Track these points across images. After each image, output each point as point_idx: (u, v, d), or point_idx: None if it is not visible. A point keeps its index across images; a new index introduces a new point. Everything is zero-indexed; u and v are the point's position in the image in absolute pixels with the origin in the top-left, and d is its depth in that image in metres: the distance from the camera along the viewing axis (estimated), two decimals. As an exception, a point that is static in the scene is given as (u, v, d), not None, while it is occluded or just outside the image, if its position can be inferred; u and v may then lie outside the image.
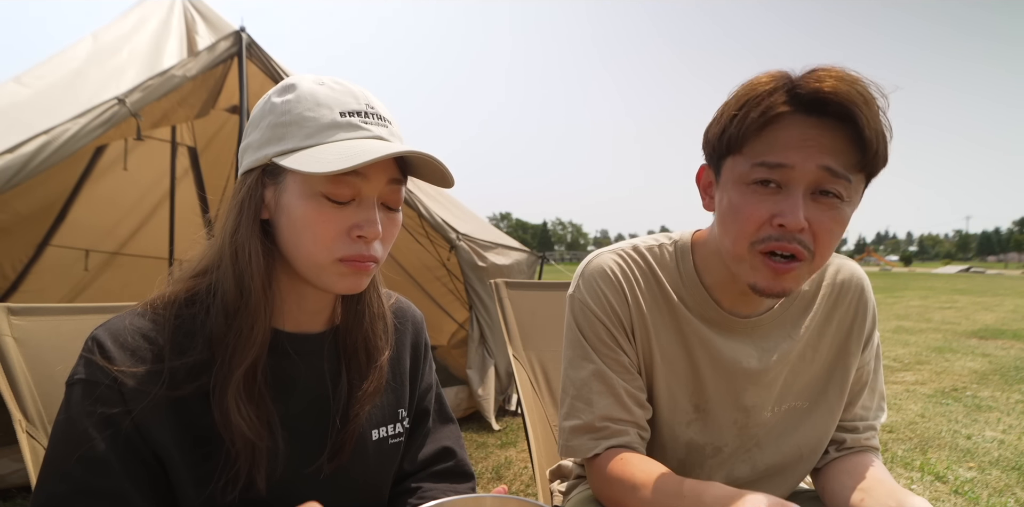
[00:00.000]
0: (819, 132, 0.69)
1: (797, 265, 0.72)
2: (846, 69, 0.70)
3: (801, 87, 0.69)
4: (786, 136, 0.70)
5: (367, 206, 0.66)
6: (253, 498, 0.67)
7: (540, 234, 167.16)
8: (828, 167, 0.69)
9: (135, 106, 2.21)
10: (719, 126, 0.76)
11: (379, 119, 0.68)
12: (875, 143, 0.68)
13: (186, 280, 0.70)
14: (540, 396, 1.43)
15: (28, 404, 0.94)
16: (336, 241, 0.65)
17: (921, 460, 2.95)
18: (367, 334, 0.78)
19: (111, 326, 0.66)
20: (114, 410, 0.62)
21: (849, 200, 0.72)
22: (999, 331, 7.88)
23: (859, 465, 0.86)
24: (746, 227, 0.73)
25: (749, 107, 0.71)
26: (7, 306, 0.99)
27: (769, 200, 0.72)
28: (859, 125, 0.67)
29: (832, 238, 0.72)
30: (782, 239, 0.71)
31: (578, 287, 0.91)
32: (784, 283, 0.74)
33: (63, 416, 0.63)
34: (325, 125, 0.64)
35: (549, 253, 4.11)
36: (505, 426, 3.41)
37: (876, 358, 0.94)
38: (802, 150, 0.69)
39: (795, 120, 0.70)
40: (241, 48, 2.56)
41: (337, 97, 0.66)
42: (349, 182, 0.64)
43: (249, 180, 0.68)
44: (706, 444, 0.90)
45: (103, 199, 3.69)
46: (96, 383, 0.62)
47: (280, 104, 0.66)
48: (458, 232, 3.24)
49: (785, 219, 0.69)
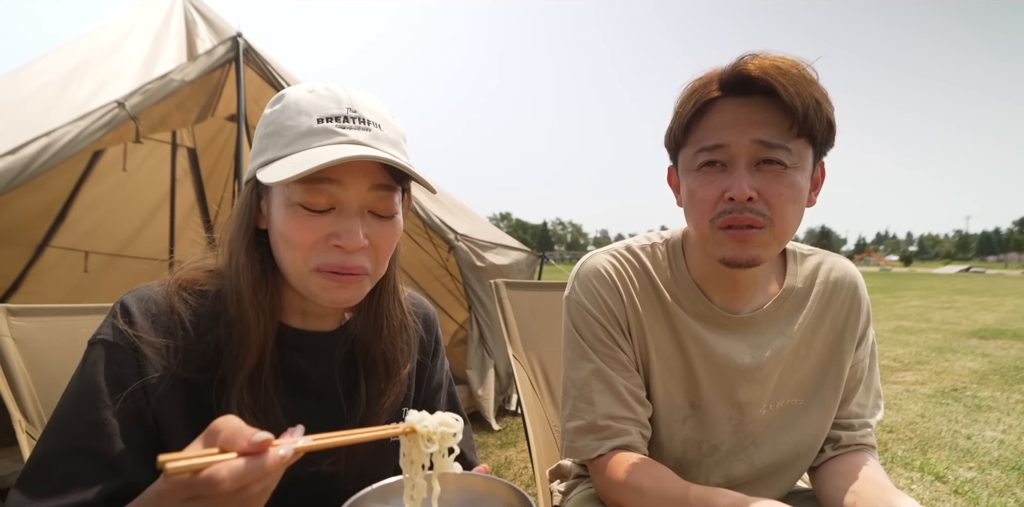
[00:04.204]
0: (748, 110, 0.75)
1: (756, 232, 0.76)
2: (768, 52, 0.76)
3: (725, 74, 0.76)
4: (719, 119, 0.77)
5: (347, 215, 0.65)
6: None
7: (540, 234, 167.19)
8: (760, 140, 0.74)
9: (135, 109, 2.21)
10: (669, 125, 0.83)
11: (361, 122, 0.66)
12: (802, 108, 0.72)
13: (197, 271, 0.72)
14: (540, 396, 1.43)
15: (28, 404, 0.95)
16: (313, 250, 0.65)
17: (921, 460, 2.95)
18: (386, 347, 0.77)
19: (139, 293, 0.68)
20: (128, 372, 0.63)
21: (796, 166, 0.76)
22: (999, 331, 7.88)
23: (852, 466, 0.86)
24: (703, 207, 0.79)
25: (686, 101, 0.78)
26: (7, 307, 1.00)
27: (717, 179, 0.77)
28: (779, 95, 0.72)
29: (785, 202, 0.76)
30: (734, 211, 0.76)
31: (574, 288, 0.92)
32: (750, 250, 0.77)
33: (78, 373, 0.64)
34: (302, 133, 0.64)
35: (549, 253, 4.10)
36: (505, 426, 3.41)
37: (871, 355, 0.95)
38: (734, 128, 0.75)
39: (726, 104, 0.77)
40: (238, 53, 2.56)
41: (319, 103, 0.66)
42: (323, 190, 0.63)
43: (246, 191, 0.69)
44: (702, 441, 0.90)
45: (103, 200, 3.69)
46: (115, 345, 0.64)
47: (268, 115, 0.68)
48: (457, 232, 3.24)
49: (732, 192, 0.75)
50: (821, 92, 0.75)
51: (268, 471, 0.44)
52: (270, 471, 0.44)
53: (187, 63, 2.44)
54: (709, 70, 0.80)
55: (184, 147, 3.94)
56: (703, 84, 0.78)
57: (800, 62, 0.75)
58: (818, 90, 0.74)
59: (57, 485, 0.59)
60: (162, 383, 0.64)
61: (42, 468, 0.60)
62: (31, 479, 0.60)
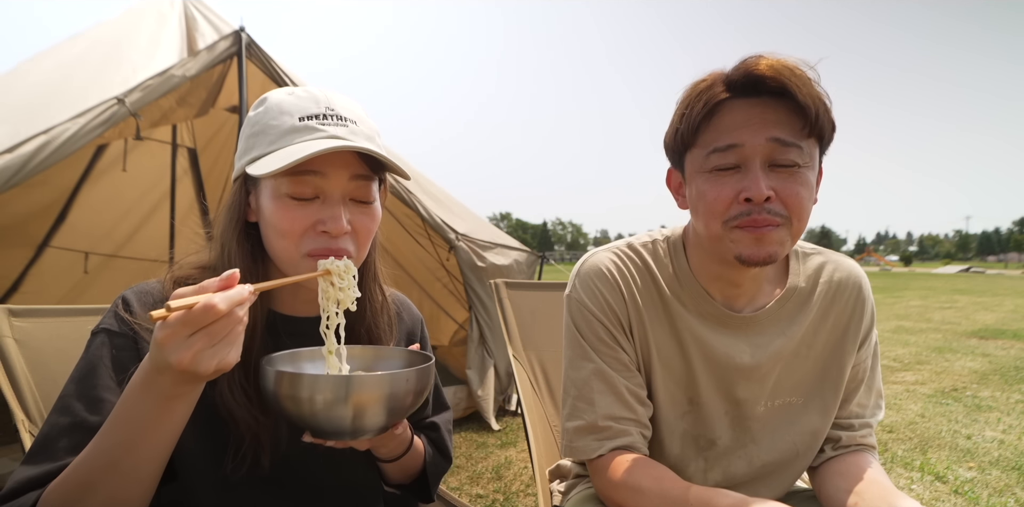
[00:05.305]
0: (760, 109, 0.75)
1: (774, 230, 0.76)
2: (773, 54, 0.76)
3: (734, 75, 0.75)
4: (730, 120, 0.76)
5: (331, 203, 0.71)
6: (259, 475, 0.73)
7: (540, 234, 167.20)
8: (776, 138, 0.74)
9: (135, 106, 2.21)
10: (672, 127, 0.82)
11: (339, 119, 0.73)
12: (814, 108, 0.73)
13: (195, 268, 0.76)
14: (540, 396, 1.43)
15: (29, 403, 0.95)
16: (304, 237, 0.71)
17: (921, 460, 2.96)
18: (370, 326, 0.83)
19: (138, 288, 0.74)
20: (129, 357, 0.68)
21: (807, 165, 0.76)
22: (999, 331, 7.88)
23: (853, 466, 0.86)
24: (715, 207, 0.78)
25: (693, 103, 0.78)
26: (8, 308, 1.00)
27: (731, 180, 0.77)
28: (793, 94, 0.72)
29: (801, 201, 0.76)
30: (752, 213, 0.75)
31: (575, 287, 0.92)
32: (767, 247, 0.77)
33: (81, 359, 0.68)
34: (285, 131, 0.70)
35: (549, 253, 4.10)
36: (505, 426, 3.41)
37: (874, 356, 0.95)
38: (748, 128, 0.75)
39: (736, 104, 0.76)
40: (241, 48, 2.56)
41: (299, 104, 0.72)
42: (308, 181, 0.70)
43: (235, 187, 0.75)
44: (699, 436, 0.90)
45: (102, 201, 3.69)
46: (117, 333, 0.69)
47: (253, 116, 0.74)
48: (457, 232, 3.23)
49: (750, 193, 0.74)
50: (824, 92, 0.75)
51: (245, 297, 0.53)
52: (247, 297, 0.54)
53: (188, 58, 2.43)
54: (707, 73, 0.80)
55: (184, 147, 3.94)
56: (708, 85, 0.77)
57: (802, 62, 0.75)
58: (822, 90, 0.75)
59: (56, 456, 0.62)
60: None
61: (44, 444, 0.63)
62: (33, 455, 0.63)
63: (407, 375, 0.64)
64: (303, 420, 0.62)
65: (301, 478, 0.79)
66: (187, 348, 0.51)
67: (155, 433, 0.57)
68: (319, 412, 0.60)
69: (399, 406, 0.65)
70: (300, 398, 0.60)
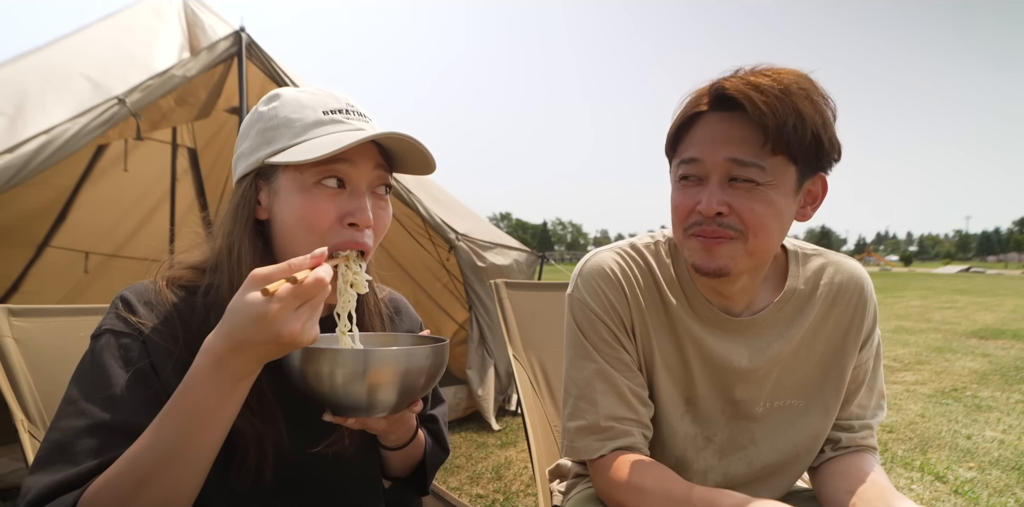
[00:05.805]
0: (728, 126, 0.76)
1: (725, 242, 0.78)
2: (771, 66, 0.76)
3: (710, 88, 0.76)
4: (700, 134, 0.79)
5: (357, 194, 0.71)
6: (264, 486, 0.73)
7: (540, 234, 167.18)
8: (734, 158, 0.75)
9: (135, 106, 2.20)
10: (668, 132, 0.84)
11: (359, 115, 0.74)
12: (775, 126, 0.72)
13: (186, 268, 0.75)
14: (540, 396, 1.43)
15: (29, 404, 0.95)
16: (331, 230, 0.70)
17: (921, 460, 2.96)
18: (365, 326, 0.82)
19: (136, 287, 0.72)
20: (135, 355, 0.66)
21: (770, 183, 0.76)
22: (999, 331, 7.88)
23: (853, 466, 0.86)
24: (678, 215, 0.82)
25: (681, 112, 0.80)
26: (8, 307, 1.00)
27: (692, 191, 0.80)
28: (750, 112, 0.72)
29: (757, 217, 0.76)
30: (703, 223, 0.78)
31: (577, 286, 0.92)
32: (717, 260, 0.78)
33: (86, 360, 0.67)
34: (310, 123, 0.71)
35: (549, 253, 4.10)
36: (505, 426, 3.41)
37: (876, 357, 0.94)
38: (711, 144, 0.77)
39: (711, 118, 0.78)
40: (241, 48, 2.56)
41: (319, 98, 0.73)
42: (338, 169, 0.70)
43: (243, 185, 0.73)
44: (697, 434, 0.90)
45: (103, 200, 3.69)
46: (121, 333, 0.67)
47: (267, 111, 0.73)
48: (457, 232, 3.23)
49: (701, 206, 0.77)
50: (813, 108, 0.73)
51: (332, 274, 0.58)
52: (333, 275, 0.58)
53: (189, 58, 2.43)
54: (711, 80, 0.80)
55: (184, 147, 3.94)
56: (697, 97, 0.79)
57: (799, 75, 0.74)
58: (807, 106, 0.72)
59: (77, 459, 0.60)
60: (168, 364, 0.67)
61: (60, 450, 0.61)
62: (48, 461, 0.60)
63: (425, 351, 0.66)
64: (324, 396, 0.65)
65: (304, 486, 0.79)
66: (296, 319, 0.54)
67: (219, 418, 0.59)
68: (339, 387, 0.63)
69: (415, 384, 0.66)
70: (322, 373, 0.62)
